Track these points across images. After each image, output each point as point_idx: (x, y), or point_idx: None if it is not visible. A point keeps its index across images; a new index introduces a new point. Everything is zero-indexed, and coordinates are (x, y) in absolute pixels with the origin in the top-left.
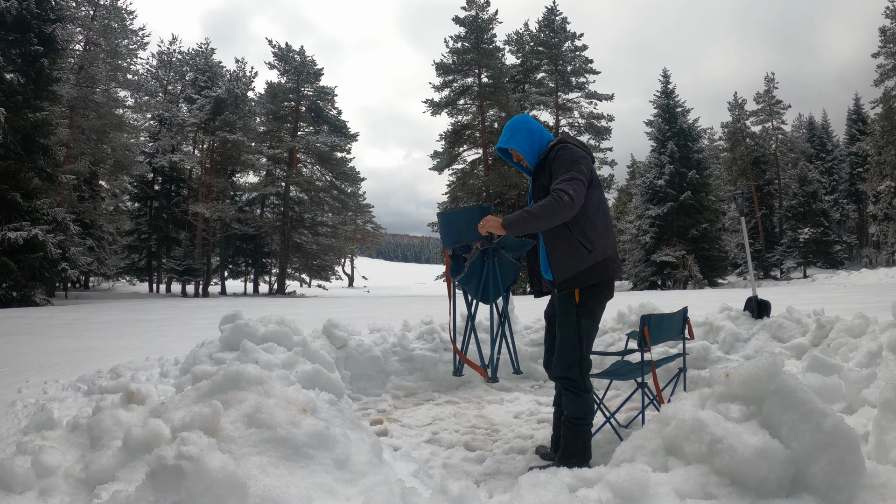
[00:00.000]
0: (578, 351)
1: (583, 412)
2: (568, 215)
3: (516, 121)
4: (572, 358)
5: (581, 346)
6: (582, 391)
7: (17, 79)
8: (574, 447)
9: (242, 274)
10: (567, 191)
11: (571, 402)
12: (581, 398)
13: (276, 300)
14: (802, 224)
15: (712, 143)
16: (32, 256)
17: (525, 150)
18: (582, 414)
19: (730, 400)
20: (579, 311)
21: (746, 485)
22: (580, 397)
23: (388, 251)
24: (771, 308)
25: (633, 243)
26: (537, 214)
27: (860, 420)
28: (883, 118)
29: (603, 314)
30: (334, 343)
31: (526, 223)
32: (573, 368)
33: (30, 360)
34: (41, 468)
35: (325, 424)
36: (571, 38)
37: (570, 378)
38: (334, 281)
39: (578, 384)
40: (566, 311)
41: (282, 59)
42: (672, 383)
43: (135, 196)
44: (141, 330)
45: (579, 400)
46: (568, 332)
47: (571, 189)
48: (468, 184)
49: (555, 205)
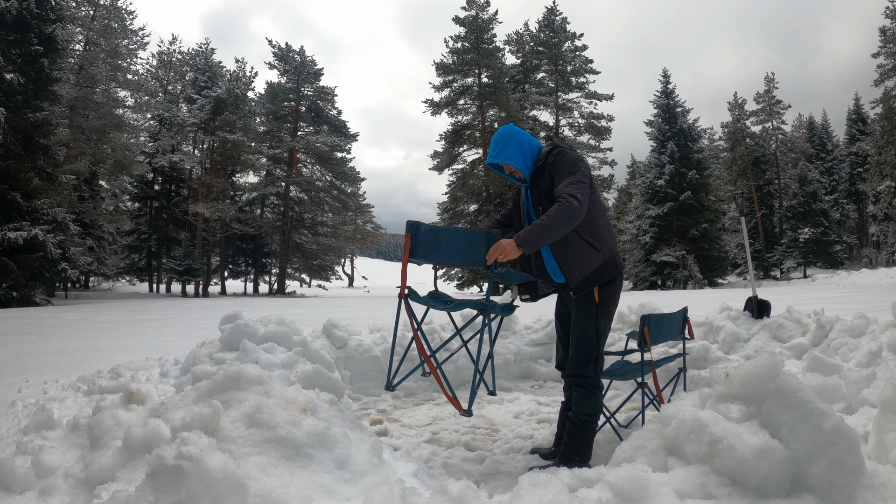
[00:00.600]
0: (596, 349)
1: (593, 409)
2: (579, 219)
3: (504, 133)
4: (590, 355)
5: (599, 343)
6: (596, 388)
7: (17, 79)
8: (579, 443)
9: (242, 274)
10: (575, 195)
11: (583, 399)
12: (594, 395)
13: (276, 300)
14: (802, 224)
15: (712, 143)
16: (32, 256)
17: (518, 161)
18: (592, 411)
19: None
20: (599, 310)
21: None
22: (593, 394)
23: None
24: (771, 308)
25: (633, 243)
26: (551, 225)
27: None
28: (883, 118)
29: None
30: (334, 343)
31: (542, 236)
32: (589, 366)
33: (30, 360)
34: (41, 468)
35: (325, 424)
36: (571, 38)
37: (586, 375)
38: (334, 281)
39: (594, 381)
40: (585, 311)
41: (282, 59)
42: (672, 383)
43: (135, 196)
44: (141, 330)
45: (592, 397)
46: (587, 331)
47: (578, 192)
48: (468, 184)
49: (567, 211)
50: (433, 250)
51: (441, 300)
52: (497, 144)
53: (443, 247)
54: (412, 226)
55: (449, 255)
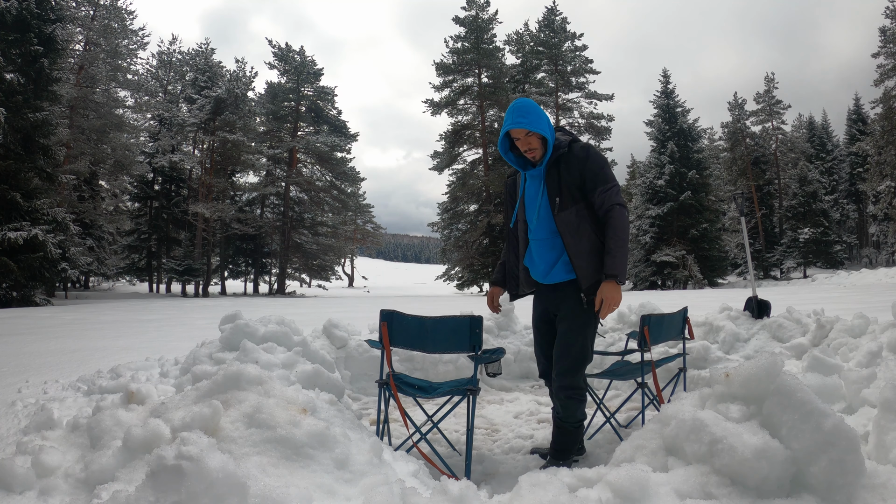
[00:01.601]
0: (590, 355)
1: (583, 414)
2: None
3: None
4: (584, 363)
5: (591, 351)
6: (585, 395)
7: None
8: (573, 444)
9: (242, 274)
10: (623, 203)
11: (577, 408)
12: (584, 401)
13: (276, 300)
14: (802, 224)
15: (712, 143)
16: (32, 256)
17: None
18: (583, 416)
19: (730, 400)
20: (597, 317)
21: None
22: (584, 401)
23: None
24: (771, 308)
25: (633, 243)
26: (625, 239)
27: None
28: (883, 118)
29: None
30: (334, 343)
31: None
32: (580, 374)
33: (30, 360)
34: (41, 468)
35: (325, 424)
36: (571, 38)
37: (580, 386)
38: (334, 281)
39: (584, 390)
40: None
41: (282, 59)
42: (672, 383)
43: (135, 196)
44: (141, 330)
45: (583, 403)
46: (584, 341)
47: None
48: (468, 184)
49: (626, 221)
50: (417, 338)
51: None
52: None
53: (428, 335)
54: (387, 315)
55: (434, 343)
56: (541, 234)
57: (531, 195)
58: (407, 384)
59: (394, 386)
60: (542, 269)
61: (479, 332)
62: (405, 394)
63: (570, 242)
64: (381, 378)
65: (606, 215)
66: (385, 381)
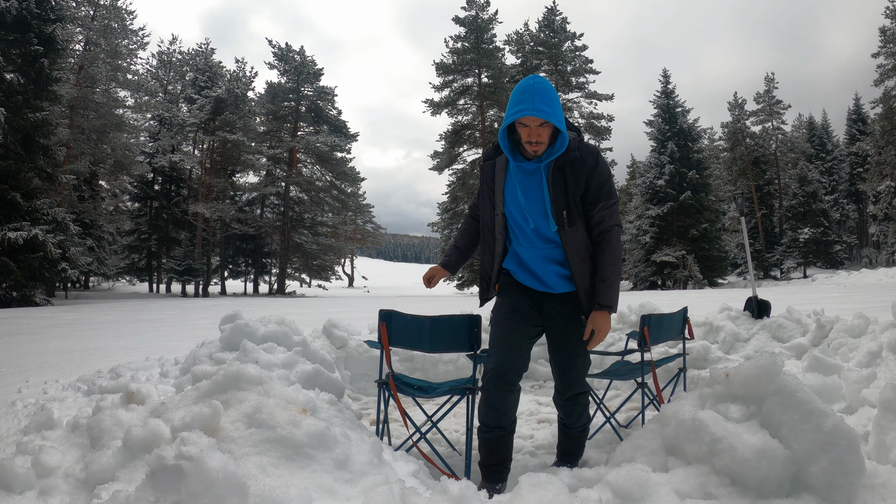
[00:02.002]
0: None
1: (589, 417)
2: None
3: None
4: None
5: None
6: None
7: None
8: (580, 448)
9: (242, 274)
10: (621, 224)
11: (582, 412)
12: (588, 405)
13: (276, 300)
14: (802, 224)
15: (712, 143)
16: (32, 256)
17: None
18: (588, 419)
19: (730, 400)
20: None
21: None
22: (588, 405)
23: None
24: (771, 308)
25: (633, 243)
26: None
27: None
28: (883, 118)
29: None
30: (334, 343)
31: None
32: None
33: (30, 360)
34: (41, 468)
35: (325, 424)
36: (571, 38)
37: (584, 392)
38: (334, 281)
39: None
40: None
41: (282, 59)
42: (672, 383)
43: (135, 196)
44: (141, 330)
45: (587, 408)
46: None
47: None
48: (468, 184)
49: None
50: (417, 338)
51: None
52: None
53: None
54: (386, 314)
55: (434, 342)
56: (535, 240)
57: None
58: (406, 384)
59: (393, 386)
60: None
61: (479, 332)
62: (405, 394)
63: (575, 263)
64: (380, 378)
65: (603, 235)
66: (385, 381)
